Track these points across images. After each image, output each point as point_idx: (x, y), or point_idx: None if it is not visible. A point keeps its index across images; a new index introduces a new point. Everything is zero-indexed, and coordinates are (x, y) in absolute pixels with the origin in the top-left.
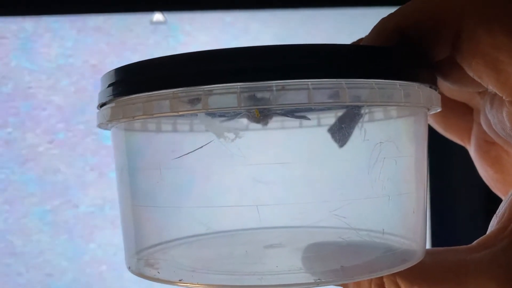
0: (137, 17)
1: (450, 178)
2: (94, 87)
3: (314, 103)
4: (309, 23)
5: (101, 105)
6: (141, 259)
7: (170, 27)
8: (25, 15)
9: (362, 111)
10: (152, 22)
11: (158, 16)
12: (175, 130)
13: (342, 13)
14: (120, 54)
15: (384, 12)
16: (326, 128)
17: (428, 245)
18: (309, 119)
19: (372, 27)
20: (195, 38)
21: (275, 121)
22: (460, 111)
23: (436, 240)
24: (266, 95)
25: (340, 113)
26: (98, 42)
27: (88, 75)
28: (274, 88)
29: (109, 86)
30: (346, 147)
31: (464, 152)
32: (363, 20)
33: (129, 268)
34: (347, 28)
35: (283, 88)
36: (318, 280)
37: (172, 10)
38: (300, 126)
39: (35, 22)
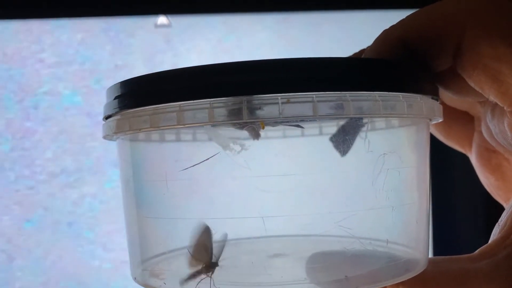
0: (141, 20)
1: (452, 186)
2: (97, 90)
3: (319, 115)
4: (313, 26)
5: (107, 117)
6: (146, 269)
7: (174, 30)
8: (32, 18)
9: (364, 121)
10: (156, 25)
11: (162, 19)
12: (179, 140)
13: (346, 16)
14: (124, 57)
15: (387, 15)
16: (328, 137)
17: (430, 254)
18: (303, 127)
19: (375, 30)
20: (199, 41)
21: (277, 130)
22: (461, 120)
23: (438, 248)
24: (272, 107)
25: (342, 122)
26: (102, 44)
27: (91, 78)
28: (280, 101)
29: (115, 98)
30: (350, 158)
31: (465, 159)
32: (366, 23)
33: (134, 279)
34: (351, 31)
35: (288, 101)
36: None
37: (177, 13)
38: (302, 135)
39: (40, 25)
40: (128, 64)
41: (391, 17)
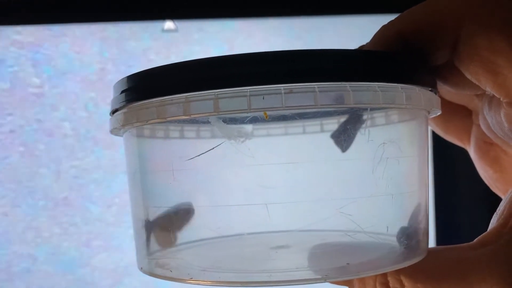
0: (148, 25)
1: (453, 179)
2: (104, 94)
3: (321, 105)
4: (315, 30)
5: (114, 111)
6: (152, 259)
7: (181, 35)
8: (41, 23)
9: (365, 117)
10: (163, 30)
11: (169, 24)
12: (182, 137)
13: (346, 21)
14: (131, 62)
15: (385, 19)
16: (329, 134)
17: (433, 244)
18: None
19: (373, 33)
20: (206, 46)
21: (279, 128)
22: (459, 114)
23: (441, 239)
24: (275, 98)
25: (343, 119)
26: (110, 49)
27: (99, 82)
28: (283, 91)
29: (122, 92)
30: (351, 147)
31: (466, 152)
32: (366, 27)
33: (141, 268)
34: (351, 35)
35: (291, 91)
36: (325, 276)
37: (183, 18)
38: (304, 133)
39: (49, 31)
40: (135, 69)
41: None
